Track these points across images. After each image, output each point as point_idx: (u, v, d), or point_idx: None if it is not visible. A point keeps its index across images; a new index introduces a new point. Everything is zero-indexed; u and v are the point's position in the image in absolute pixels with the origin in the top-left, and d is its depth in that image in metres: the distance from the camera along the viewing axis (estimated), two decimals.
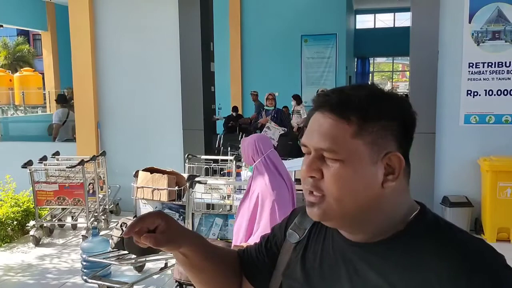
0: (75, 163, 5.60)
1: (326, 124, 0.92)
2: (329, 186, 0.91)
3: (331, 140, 0.90)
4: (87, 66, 6.82)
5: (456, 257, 0.85)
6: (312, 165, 0.92)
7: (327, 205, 0.92)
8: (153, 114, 6.72)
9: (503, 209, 5.17)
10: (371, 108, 0.91)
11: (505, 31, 5.46)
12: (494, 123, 5.57)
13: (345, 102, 0.92)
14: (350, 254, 0.97)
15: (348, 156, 0.89)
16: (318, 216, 0.94)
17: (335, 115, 0.91)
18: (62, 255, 5.22)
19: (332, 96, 0.94)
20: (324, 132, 0.91)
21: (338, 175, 0.90)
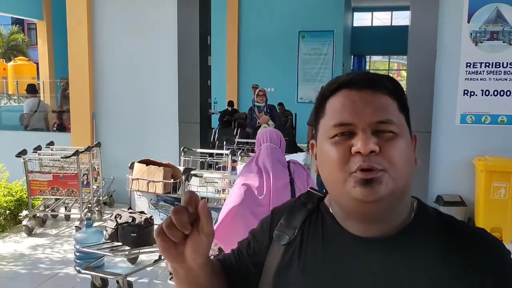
0: (70, 154, 5.57)
1: (375, 98, 0.89)
2: (391, 157, 0.86)
3: (388, 112, 0.88)
4: (83, 57, 6.78)
5: (476, 244, 0.90)
6: (371, 139, 0.85)
7: (387, 179, 0.85)
8: (149, 106, 6.69)
9: (496, 209, 5.19)
10: (397, 86, 0.94)
11: (504, 31, 5.47)
12: (490, 123, 5.59)
13: (379, 78, 0.92)
14: (360, 250, 0.91)
15: (401, 130, 0.89)
16: (378, 193, 0.85)
17: (377, 90, 0.90)
18: (55, 245, 5.20)
19: (360, 75, 0.93)
20: (378, 106, 0.88)
21: (398, 146, 0.87)
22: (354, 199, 0.87)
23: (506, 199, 5.19)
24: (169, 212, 0.86)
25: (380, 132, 0.87)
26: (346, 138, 0.88)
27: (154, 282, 4.29)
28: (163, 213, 4.56)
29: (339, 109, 0.90)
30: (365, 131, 0.86)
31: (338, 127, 0.89)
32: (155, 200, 4.57)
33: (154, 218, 4.36)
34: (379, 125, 0.87)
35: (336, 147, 0.88)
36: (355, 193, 0.86)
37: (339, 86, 0.92)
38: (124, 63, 6.75)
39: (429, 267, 0.88)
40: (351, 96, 0.90)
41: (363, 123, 0.87)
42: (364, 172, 0.85)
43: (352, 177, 0.86)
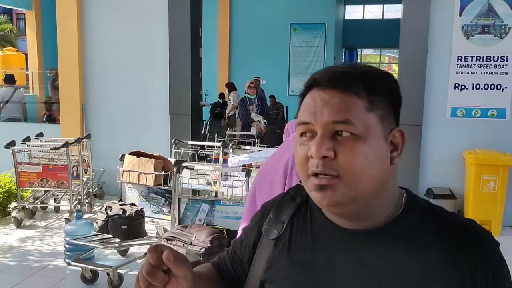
0: (60, 145, 5.52)
1: (336, 98, 0.86)
2: (346, 163, 0.84)
3: (346, 112, 0.85)
4: (73, 47, 6.70)
5: (466, 236, 0.90)
6: (324, 144, 0.84)
7: (342, 186, 0.84)
8: (139, 98, 6.64)
9: (486, 202, 5.23)
10: (377, 82, 0.89)
11: (495, 25, 5.49)
12: (480, 116, 5.62)
13: (350, 76, 0.88)
14: (349, 243, 0.91)
15: (365, 131, 0.85)
16: (332, 199, 0.85)
17: (342, 89, 0.87)
18: (44, 237, 5.16)
19: (330, 73, 0.89)
20: (336, 106, 0.85)
21: (356, 150, 0.84)
22: (316, 202, 0.89)
23: (496, 192, 5.23)
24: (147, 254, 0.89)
25: (339, 135, 0.85)
26: (309, 139, 0.88)
27: None
28: (154, 205, 4.54)
29: (304, 108, 0.90)
30: (322, 134, 0.85)
31: (300, 126, 0.90)
32: (146, 192, 4.55)
33: (145, 210, 4.34)
34: (336, 126, 0.85)
35: (299, 147, 0.89)
36: (313, 196, 0.88)
37: (311, 84, 0.91)
38: (114, 54, 6.69)
39: (418, 258, 0.88)
40: (315, 95, 0.89)
41: (319, 123, 0.86)
42: (317, 178, 0.85)
43: (310, 180, 0.87)
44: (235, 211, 3.80)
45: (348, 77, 0.88)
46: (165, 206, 4.50)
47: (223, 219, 3.80)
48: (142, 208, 4.28)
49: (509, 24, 5.46)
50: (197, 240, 3.41)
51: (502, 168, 5.20)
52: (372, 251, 0.89)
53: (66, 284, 4.10)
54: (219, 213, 3.85)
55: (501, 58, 5.50)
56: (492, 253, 0.89)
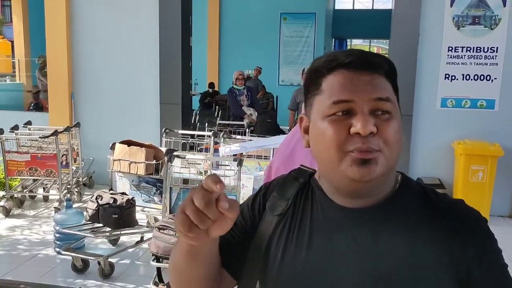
0: (49, 133, 5.46)
1: (375, 78, 0.91)
2: (387, 137, 0.88)
3: (386, 91, 0.91)
4: (61, 35, 6.61)
5: (455, 213, 0.94)
6: (370, 120, 0.87)
7: (382, 159, 0.88)
8: (129, 86, 6.58)
9: (474, 191, 5.29)
10: (394, 69, 0.96)
11: (485, 16, 5.51)
12: (470, 107, 5.66)
13: (379, 60, 0.93)
14: (346, 221, 0.94)
15: (395, 110, 0.91)
16: (375, 173, 0.87)
17: (376, 71, 0.92)
18: (33, 226, 5.12)
19: (359, 55, 0.93)
20: (378, 85, 0.90)
21: (392, 125, 0.89)
22: (348, 178, 0.89)
23: (484, 182, 5.29)
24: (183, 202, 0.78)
25: (377, 113, 0.89)
26: (344, 118, 0.89)
27: (136, 263, 4.27)
28: (145, 194, 4.52)
29: (339, 87, 0.90)
30: (363, 111, 0.87)
31: (337, 105, 0.89)
32: (137, 181, 4.53)
33: (136, 199, 4.32)
34: (378, 103, 0.89)
35: (333, 125, 0.89)
36: (352, 172, 0.88)
37: (338, 65, 0.92)
38: (104, 42, 6.61)
39: (411, 235, 0.91)
40: (350, 77, 0.90)
41: (362, 100, 0.88)
42: (362, 153, 0.87)
43: (349, 156, 0.88)
44: None
45: (378, 61, 0.93)
46: (156, 195, 4.49)
47: None
48: (133, 197, 4.26)
49: (499, 15, 5.49)
50: None
51: (491, 158, 5.26)
52: (367, 229, 0.93)
53: (56, 273, 4.07)
54: None
55: (491, 49, 5.53)
56: (480, 229, 0.94)
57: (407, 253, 0.90)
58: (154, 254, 3.48)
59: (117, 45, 6.57)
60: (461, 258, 0.90)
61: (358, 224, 0.93)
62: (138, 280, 3.92)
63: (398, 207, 0.94)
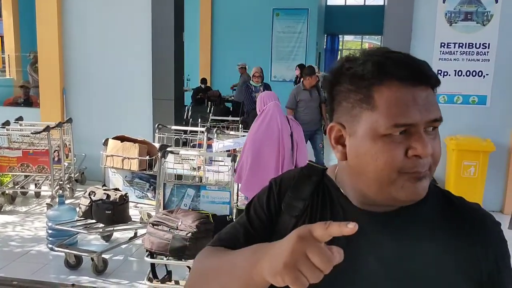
0: (40, 129, 5.41)
1: (429, 95, 0.86)
2: (436, 156, 0.87)
3: (438, 109, 0.88)
4: (52, 30, 6.55)
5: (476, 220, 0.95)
6: (429, 142, 0.84)
7: (428, 180, 0.87)
8: (122, 81, 6.54)
9: (466, 187, 5.32)
10: (436, 75, 0.90)
11: (477, 12, 5.54)
12: (462, 103, 5.69)
13: (429, 72, 0.88)
14: (367, 224, 0.90)
15: None
16: (425, 189, 0.87)
17: (427, 85, 0.87)
18: (25, 223, 5.09)
19: (409, 65, 0.86)
20: (434, 103, 0.87)
21: (439, 142, 0.89)
22: (395, 199, 0.87)
23: (476, 177, 5.33)
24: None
25: (428, 130, 0.86)
26: (402, 138, 0.84)
27: (129, 259, 4.26)
28: (138, 190, 4.51)
29: (401, 107, 0.84)
30: (421, 132, 0.84)
31: (399, 127, 0.84)
32: (130, 177, 4.51)
33: (129, 195, 4.30)
34: (434, 123, 0.86)
35: (390, 147, 0.84)
36: (410, 191, 0.85)
37: (391, 77, 0.85)
38: (96, 37, 6.56)
39: (434, 242, 0.91)
40: (408, 93, 0.84)
41: (423, 122, 0.84)
42: (415, 173, 0.85)
43: (401, 177, 0.85)
44: (220, 196, 3.80)
45: (431, 73, 0.88)
46: (150, 191, 4.47)
47: (209, 204, 3.79)
48: (126, 193, 4.24)
49: (491, 11, 5.51)
50: (184, 225, 3.40)
51: (482, 153, 5.30)
52: (389, 234, 0.90)
53: (49, 269, 4.05)
54: (204, 198, 3.83)
55: (483, 45, 5.56)
56: (500, 235, 0.96)
57: (430, 259, 0.89)
58: (148, 250, 3.48)
59: (109, 40, 6.52)
60: (484, 265, 0.91)
61: (381, 229, 0.91)
62: (131, 276, 3.91)
63: (421, 212, 0.93)
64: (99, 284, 3.79)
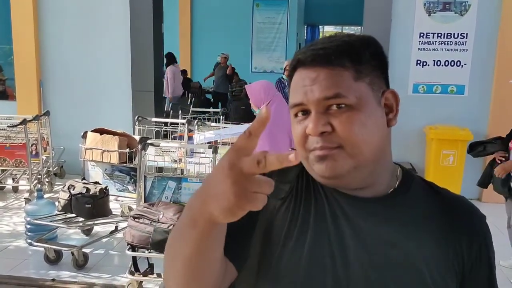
0: (17, 122, 5.31)
1: (322, 73, 0.87)
2: (345, 134, 0.85)
3: (336, 86, 0.86)
4: (28, 21, 6.42)
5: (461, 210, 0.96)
6: (320, 120, 0.86)
7: (343, 156, 0.86)
8: (100, 73, 6.44)
9: (445, 176, 5.40)
10: (359, 50, 0.90)
11: (455, 2, 5.59)
12: (441, 93, 5.76)
13: (331, 50, 0.88)
14: (352, 209, 0.91)
15: (357, 100, 0.87)
16: (333, 170, 0.86)
17: (328, 66, 0.87)
18: (3, 218, 5.00)
19: (312, 50, 0.89)
20: (324, 81, 0.87)
21: (353, 119, 0.86)
22: (316, 174, 0.90)
23: (455, 166, 5.40)
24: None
25: (332, 108, 0.87)
26: (304, 118, 0.89)
27: (110, 253, 4.22)
28: (118, 183, 4.45)
29: (293, 89, 0.92)
30: (315, 111, 0.87)
31: (293, 108, 0.91)
32: (110, 170, 4.45)
33: (109, 188, 4.25)
34: (328, 101, 0.86)
35: (296, 127, 0.91)
36: (316, 169, 0.89)
37: (296, 65, 0.92)
38: (73, 28, 6.44)
39: (419, 228, 0.91)
40: (302, 75, 0.90)
41: (311, 102, 0.87)
42: (319, 150, 0.87)
43: (311, 154, 0.89)
44: None
45: (329, 51, 0.88)
46: (130, 184, 4.43)
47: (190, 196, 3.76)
48: (106, 186, 4.20)
49: (469, 1, 5.57)
50: (165, 218, 3.38)
51: (461, 142, 5.37)
52: (374, 219, 0.90)
53: (29, 264, 3.99)
54: (186, 190, 3.81)
55: (461, 35, 5.62)
56: (484, 226, 0.97)
57: (415, 244, 0.89)
58: (130, 244, 3.44)
59: (87, 31, 6.41)
60: (467, 254, 0.92)
61: (366, 213, 0.90)
62: (113, 270, 3.88)
63: (405, 198, 0.93)
64: (80, 278, 3.75)
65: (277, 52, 13.06)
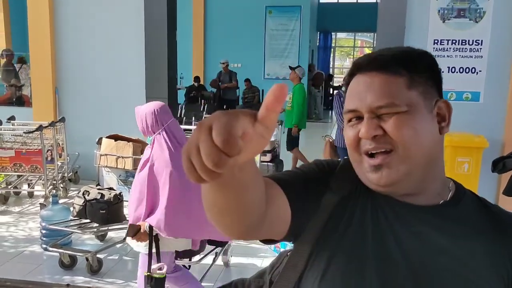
0: (33, 129, 5.37)
1: (377, 79, 0.92)
2: (397, 136, 0.89)
3: (389, 95, 0.90)
4: (44, 29, 6.50)
5: (509, 227, 0.97)
6: (372, 124, 0.90)
7: (396, 161, 0.89)
8: (115, 80, 6.50)
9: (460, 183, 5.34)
10: (415, 60, 0.95)
11: (470, 9, 5.55)
12: (455, 99, 5.71)
13: (389, 57, 0.94)
14: (406, 216, 0.93)
15: (408, 108, 0.90)
16: (388, 178, 0.90)
17: (384, 72, 0.92)
18: (19, 223, 5.05)
19: (370, 56, 0.96)
20: (379, 88, 0.91)
21: (403, 123, 0.89)
22: (373, 184, 0.93)
23: (470, 173, 5.35)
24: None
25: (385, 115, 0.90)
26: (357, 123, 0.94)
27: (124, 258, 4.24)
28: None
29: (349, 95, 0.96)
30: (368, 117, 0.91)
31: (347, 114, 0.96)
32: (124, 176, 4.49)
33: (123, 194, 4.28)
34: (380, 110, 0.90)
35: (350, 131, 0.95)
36: (371, 178, 0.93)
37: (354, 71, 0.97)
38: (89, 36, 6.52)
39: (468, 240, 0.93)
40: (359, 81, 0.94)
41: (364, 109, 0.92)
42: (372, 158, 0.91)
43: (366, 161, 0.93)
44: None
45: (387, 58, 0.94)
46: None
47: None
48: (120, 192, 4.22)
49: (484, 8, 5.53)
50: None
51: (476, 150, 5.31)
52: (427, 226, 0.93)
53: (43, 269, 4.02)
54: None
55: (476, 41, 5.58)
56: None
57: (465, 255, 0.91)
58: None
59: (102, 39, 6.48)
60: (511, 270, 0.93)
61: (419, 220, 0.93)
62: (126, 275, 3.89)
63: (457, 211, 0.96)
64: (94, 284, 3.77)
65: (290, 58, 13.09)
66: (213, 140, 0.55)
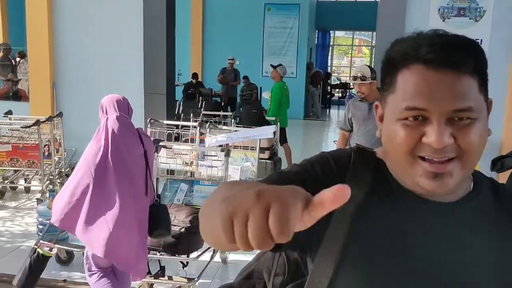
0: (30, 123, 5.34)
1: (450, 79, 0.80)
2: (466, 146, 0.81)
3: (468, 99, 0.81)
4: (42, 23, 6.45)
5: None
6: (445, 132, 0.79)
7: (458, 169, 0.82)
8: (113, 75, 6.46)
9: None
10: (483, 56, 0.85)
11: (470, 8, 5.55)
12: None
13: (464, 53, 0.82)
14: (431, 214, 0.89)
15: (479, 113, 0.83)
16: (447, 187, 0.83)
17: (458, 70, 0.81)
18: (15, 218, 5.03)
19: (442, 47, 0.81)
20: (458, 91, 0.80)
21: (474, 132, 0.81)
22: (420, 187, 0.85)
23: None
24: None
25: (456, 119, 0.81)
26: (418, 123, 0.82)
27: None
28: None
29: (413, 90, 0.82)
30: (440, 121, 0.80)
31: (410, 111, 0.82)
32: None
33: None
34: (456, 114, 0.81)
35: (405, 130, 0.83)
36: (422, 182, 0.84)
37: (408, 57, 0.84)
38: (87, 31, 6.47)
39: (493, 231, 0.90)
40: (428, 76, 0.81)
41: (438, 111, 0.80)
42: (432, 164, 0.82)
43: (420, 165, 0.83)
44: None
45: (463, 53, 0.82)
46: None
47: (202, 199, 3.77)
48: None
49: (484, 7, 5.53)
50: (177, 220, 3.37)
51: None
52: (453, 222, 0.90)
53: None
54: (198, 193, 3.81)
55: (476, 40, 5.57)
56: None
57: (492, 247, 0.89)
58: None
59: (100, 34, 6.44)
60: None
61: (444, 217, 0.89)
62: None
63: (477, 202, 0.92)
64: None
65: (288, 56, 13.09)
66: (267, 223, 0.53)
